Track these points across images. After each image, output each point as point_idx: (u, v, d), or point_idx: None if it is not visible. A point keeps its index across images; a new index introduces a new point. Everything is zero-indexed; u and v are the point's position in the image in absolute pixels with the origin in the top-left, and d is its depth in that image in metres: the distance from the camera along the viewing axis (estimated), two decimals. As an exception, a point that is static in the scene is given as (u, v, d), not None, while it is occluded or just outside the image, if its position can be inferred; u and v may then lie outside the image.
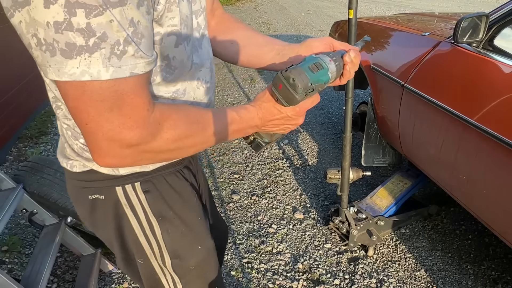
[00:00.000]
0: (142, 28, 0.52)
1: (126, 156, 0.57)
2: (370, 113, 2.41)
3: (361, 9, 10.74)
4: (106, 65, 0.49)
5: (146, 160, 0.62)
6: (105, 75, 0.49)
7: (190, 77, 0.73)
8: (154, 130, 0.57)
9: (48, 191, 1.63)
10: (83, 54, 0.48)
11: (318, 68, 0.69)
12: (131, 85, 0.53)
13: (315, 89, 0.69)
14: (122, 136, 0.54)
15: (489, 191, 1.47)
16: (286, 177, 2.73)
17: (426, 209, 2.23)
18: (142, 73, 0.54)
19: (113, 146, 0.55)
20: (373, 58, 2.34)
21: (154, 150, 0.59)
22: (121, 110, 0.53)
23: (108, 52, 0.49)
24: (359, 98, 4.14)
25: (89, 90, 0.50)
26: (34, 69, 2.79)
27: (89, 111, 0.52)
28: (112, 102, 0.51)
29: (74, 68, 0.48)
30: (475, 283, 1.82)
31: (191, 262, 0.84)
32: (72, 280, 1.84)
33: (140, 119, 0.55)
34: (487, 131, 1.40)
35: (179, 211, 0.80)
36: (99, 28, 0.47)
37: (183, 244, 0.82)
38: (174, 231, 0.80)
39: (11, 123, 3.16)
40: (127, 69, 0.51)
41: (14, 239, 2.07)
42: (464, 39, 1.65)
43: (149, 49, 0.55)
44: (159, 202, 0.77)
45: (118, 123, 0.53)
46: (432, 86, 1.77)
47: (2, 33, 3.25)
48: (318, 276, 1.88)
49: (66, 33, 0.46)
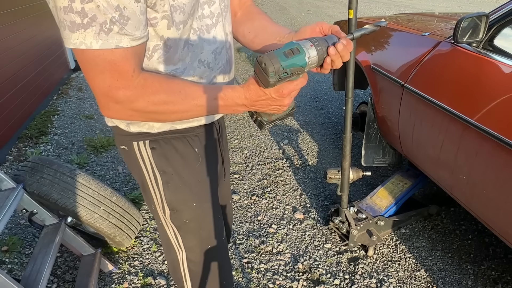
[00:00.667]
0: (128, 12, 0.66)
1: (118, 110, 0.74)
2: (370, 113, 2.41)
3: (361, 9, 10.74)
4: (96, 38, 0.65)
5: (136, 117, 0.78)
6: (95, 46, 0.65)
7: (191, 58, 0.84)
8: (137, 92, 0.72)
9: (48, 191, 1.63)
10: (80, 29, 0.64)
11: (294, 53, 0.72)
12: (117, 55, 0.68)
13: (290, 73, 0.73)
14: (112, 94, 0.71)
15: (489, 191, 1.47)
16: (286, 177, 2.73)
17: (426, 209, 2.23)
18: (127, 47, 0.68)
19: (107, 100, 0.72)
20: (373, 58, 2.34)
21: (139, 109, 0.75)
22: (110, 73, 0.68)
23: (98, 29, 0.64)
24: (359, 98, 4.14)
25: (86, 56, 0.67)
26: (34, 69, 2.80)
27: (89, 72, 0.69)
28: (103, 66, 0.67)
29: (75, 39, 0.65)
30: (475, 283, 1.82)
31: (185, 216, 0.98)
32: (72, 280, 1.84)
33: (125, 82, 0.70)
34: (487, 131, 1.40)
35: (178, 169, 0.94)
36: (90, 11, 0.63)
37: (178, 198, 0.96)
38: (172, 185, 0.94)
39: (11, 123, 3.16)
40: (113, 42, 0.66)
41: (14, 239, 2.07)
42: (464, 39, 1.65)
43: (136, 29, 0.68)
44: (161, 159, 0.92)
45: (109, 83, 0.69)
46: (432, 86, 1.77)
47: (2, 33, 3.25)
48: (318, 276, 1.88)
49: (69, 14, 0.63)
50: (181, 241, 1.01)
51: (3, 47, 3.23)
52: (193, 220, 0.99)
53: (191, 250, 1.03)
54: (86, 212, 1.69)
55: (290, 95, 0.79)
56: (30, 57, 3.75)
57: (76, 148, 3.14)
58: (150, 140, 0.90)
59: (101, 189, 1.78)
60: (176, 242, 1.02)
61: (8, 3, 3.45)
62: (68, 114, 3.85)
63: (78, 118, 3.75)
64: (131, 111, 0.75)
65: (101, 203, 1.75)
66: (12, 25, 3.48)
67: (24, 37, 3.69)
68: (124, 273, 1.88)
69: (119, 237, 1.84)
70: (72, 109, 3.98)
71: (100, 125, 3.59)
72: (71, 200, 1.66)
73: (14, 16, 3.54)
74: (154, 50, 0.79)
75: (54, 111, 3.86)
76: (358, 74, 2.37)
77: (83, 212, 1.68)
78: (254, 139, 3.32)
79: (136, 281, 1.84)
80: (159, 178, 0.94)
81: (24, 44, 3.68)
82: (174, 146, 0.92)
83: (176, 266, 1.07)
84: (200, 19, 0.83)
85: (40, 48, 4.08)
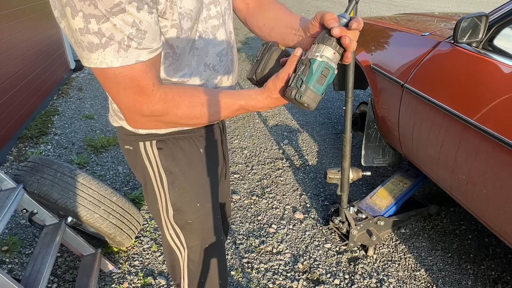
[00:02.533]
0: (144, 26, 0.66)
1: (144, 122, 0.76)
2: (370, 113, 2.41)
3: (361, 9, 10.74)
4: (116, 56, 0.65)
5: (163, 126, 0.81)
6: (116, 64, 0.65)
7: (196, 63, 0.85)
8: (160, 107, 0.73)
9: (48, 191, 1.63)
10: (99, 49, 0.64)
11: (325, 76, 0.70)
12: (137, 70, 0.68)
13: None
14: (136, 108, 0.72)
15: (489, 191, 1.47)
16: (286, 177, 2.73)
17: (426, 209, 2.23)
18: (146, 60, 0.68)
19: (133, 115, 0.74)
20: (373, 58, 2.34)
21: (165, 121, 0.77)
22: (132, 90, 0.69)
23: (117, 47, 0.64)
24: (359, 98, 4.14)
25: (108, 75, 0.67)
26: (35, 69, 2.80)
27: (111, 89, 0.70)
28: (125, 83, 0.68)
29: (95, 59, 0.65)
30: (475, 283, 1.82)
31: (189, 216, 0.99)
32: (72, 280, 1.85)
33: (147, 97, 0.71)
34: (487, 131, 1.40)
35: (184, 170, 0.95)
36: (107, 31, 0.63)
37: (183, 199, 0.97)
38: (177, 185, 0.95)
39: (11, 123, 3.16)
40: (133, 58, 0.66)
41: (14, 239, 2.07)
42: (464, 39, 1.65)
43: (153, 41, 0.69)
44: (168, 159, 0.93)
45: (132, 98, 0.70)
46: (432, 86, 1.77)
47: (2, 33, 3.26)
48: (318, 276, 1.88)
49: (86, 35, 0.63)
50: (184, 241, 1.02)
51: (3, 47, 3.24)
52: (196, 220, 1.00)
53: (192, 249, 1.04)
54: (86, 212, 1.69)
55: None
56: (30, 57, 3.75)
57: (76, 148, 3.14)
58: (157, 140, 0.91)
59: (101, 189, 1.78)
60: (178, 242, 1.03)
61: (8, 3, 3.45)
62: (68, 114, 3.85)
63: (78, 118, 3.75)
64: (158, 122, 0.77)
65: (101, 203, 1.75)
66: (12, 25, 3.48)
67: (24, 37, 3.69)
68: (124, 273, 1.88)
69: (119, 237, 1.85)
70: (72, 109, 3.98)
71: (100, 125, 3.59)
72: (71, 200, 1.66)
73: (14, 16, 3.54)
74: (165, 57, 0.79)
75: (54, 111, 3.86)
76: (358, 74, 2.37)
77: (83, 212, 1.69)
78: (254, 139, 3.32)
79: (136, 281, 1.84)
80: (165, 178, 0.94)
81: (24, 44, 3.68)
82: (181, 146, 0.93)
83: (176, 265, 1.08)
84: (205, 21, 0.83)
85: (40, 48, 4.08)
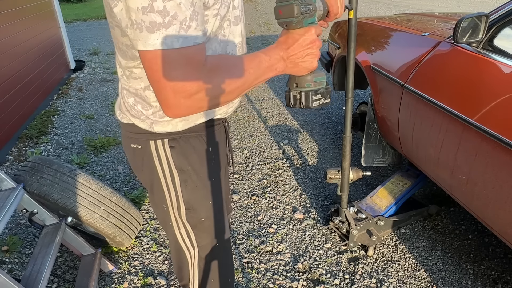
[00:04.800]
0: (198, 7, 0.68)
1: (189, 105, 0.72)
2: (370, 113, 2.41)
3: (361, 9, 10.74)
4: (176, 37, 0.65)
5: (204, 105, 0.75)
6: (176, 44, 0.65)
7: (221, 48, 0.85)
8: (206, 78, 0.71)
9: (48, 191, 1.63)
10: (162, 29, 0.64)
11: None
12: (193, 50, 0.68)
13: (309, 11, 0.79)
14: (185, 87, 0.69)
15: (489, 191, 1.47)
16: (286, 177, 2.73)
17: (426, 209, 2.23)
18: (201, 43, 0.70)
19: (179, 97, 0.70)
20: (373, 58, 2.34)
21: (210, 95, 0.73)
22: (185, 68, 0.68)
23: (178, 27, 0.65)
24: (359, 98, 4.14)
25: (165, 55, 0.66)
26: (35, 69, 2.80)
27: (161, 72, 0.67)
28: (179, 63, 0.67)
29: (155, 40, 0.64)
30: (475, 283, 1.82)
31: (202, 214, 0.99)
32: (72, 280, 1.85)
33: (198, 73, 0.70)
34: (487, 131, 1.40)
35: (196, 168, 0.94)
36: (172, 9, 0.63)
37: (196, 197, 0.97)
38: (190, 184, 0.95)
39: (11, 123, 3.16)
40: (191, 39, 0.67)
41: (15, 239, 2.08)
42: (464, 39, 1.65)
43: (204, 22, 0.72)
44: (180, 157, 0.92)
45: (183, 78, 0.68)
46: (432, 86, 1.77)
47: (2, 33, 3.26)
48: (318, 276, 1.88)
49: (150, 14, 0.63)
50: (195, 240, 1.02)
51: (3, 47, 3.24)
52: (208, 218, 1.00)
53: (203, 248, 1.04)
54: (86, 212, 1.69)
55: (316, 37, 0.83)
56: (30, 57, 3.75)
57: (76, 148, 3.14)
58: (169, 138, 0.90)
59: (101, 189, 1.78)
60: (188, 241, 1.02)
61: (8, 3, 3.45)
62: (68, 114, 3.86)
63: (78, 118, 3.75)
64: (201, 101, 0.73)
65: (101, 203, 1.75)
66: (12, 25, 3.48)
67: (24, 37, 3.69)
68: (124, 273, 1.88)
69: (119, 237, 1.85)
70: (72, 109, 3.99)
71: (100, 125, 3.59)
72: (71, 200, 1.66)
73: (14, 16, 3.54)
74: None
75: (54, 111, 3.86)
76: (358, 74, 2.37)
77: (83, 212, 1.69)
78: (254, 139, 3.32)
79: (136, 281, 1.84)
80: (177, 177, 0.93)
81: (24, 44, 3.68)
82: (192, 144, 0.93)
83: (184, 265, 1.07)
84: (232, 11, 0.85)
85: (40, 48, 4.08)
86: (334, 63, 3.02)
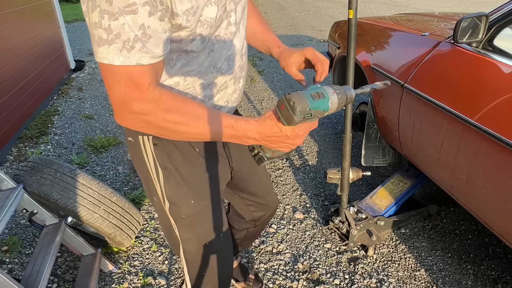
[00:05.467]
0: (151, 31, 0.69)
1: (131, 120, 0.76)
2: (370, 113, 2.41)
3: (361, 9, 10.74)
4: (117, 54, 0.68)
5: (146, 129, 0.79)
6: (116, 62, 0.69)
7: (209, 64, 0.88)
8: (150, 106, 0.74)
9: (48, 191, 1.63)
10: (106, 45, 0.68)
11: (319, 96, 0.77)
12: (136, 70, 0.71)
13: (313, 114, 0.77)
14: (127, 104, 0.73)
15: (489, 191, 1.47)
16: (286, 177, 2.73)
17: (426, 209, 2.23)
18: (146, 65, 0.71)
19: (122, 109, 0.75)
20: (373, 58, 2.34)
21: (150, 122, 0.77)
22: (127, 84, 0.71)
23: (120, 46, 0.68)
24: (359, 98, 4.14)
25: (108, 68, 0.70)
26: (35, 69, 2.80)
27: (107, 81, 0.72)
28: (120, 77, 0.71)
29: (101, 54, 0.69)
30: (475, 283, 1.82)
31: (182, 211, 1.03)
32: (72, 280, 1.85)
33: (140, 94, 0.73)
34: (487, 131, 1.40)
35: (178, 166, 0.99)
36: (116, 29, 0.67)
37: (177, 194, 1.01)
38: (172, 180, 0.99)
39: (11, 123, 3.16)
40: (134, 59, 0.70)
41: (14, 239, 2.08)
42: (464, 39, 1.65)
43: (157, 46, 0.71)
44: (163, 155, 0.97)
45: (125, 93, 0.72)
46: (432, 86, 1.77)
47: (2, 33, 3.26)
48: (318, 276, 1.88)
49: (98, 30, 0.68)
50: (178, 233, 1.08)
51: (3, 47, 3.24)
52: (189, 216, 1.04)
53: (186, 242, 1.09)
54: (86, 212, 1.69)
55: (303, 136, 0.84)
56: (30, 57, 3.75)
57: (76, 148, 3.14)
58: (153, 136, 0.94)
59: (101, 189, 1.78)
60: (176, 231, 1.08)
61: (8, 3, 3.45)
62: (68, 114, 3.86)
63: (78, 118, 3.75)
64: (143, 122, 0.77)
65: (101, 203, 1.75)
66: (12, 25, 3.48)
67: (24, 37, 3.69)
68: (124, 273, 1.88)
69: (119, 237, 1.85)
70: (72, 109, 3.99)
71: (100, 125, 3.59)
72: (71, 200, 1.66)
73: (14, 16, 3.54)
74: (178, 59, 0.83)
75: (54, 111, 3.86)
76: (358, 74, 2.37)
77: (83, 212, 1.69)
78: (254, 139, 3.31)
79: (136, 281, 1.84)
80: (161, 172, 0.99)
81: (24, 44, 3.68)
82: (175, 144, 0.97)
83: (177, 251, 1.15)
84: (226, 28, 0.87)
85: (40, 48, 4.08)
86: (334, 63, 3.03)
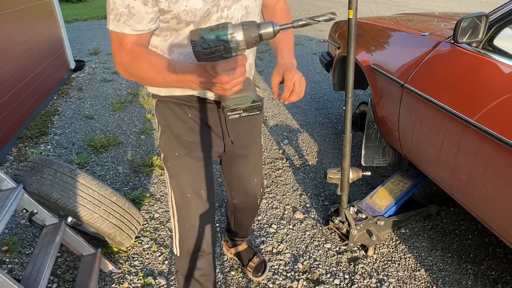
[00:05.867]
0: (134, 10, 0.93)
1: (118, 68, 1.03)
2: (370, 113, 2.41)
3: (361, 9, 10.74)
4: (112, 23, 0.96)
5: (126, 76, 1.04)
6: (111, 27, 0.97)
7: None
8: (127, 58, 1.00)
9: (48, 191, 1.63)
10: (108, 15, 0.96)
11: (218, 28, 0.79)
12: (120, 36, 0.98)
13: (214, 46, 0.78)
14: (115, 56, 1.02)
15: (489, 191, 1.47)
16: (286, 177, 2.73)
17: (426, 209, 2.23)
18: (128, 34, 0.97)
19: (116, 61, 1.02)
20: (373, 58, 2.34)
21: (127, 70, 1.02)
22: (115, 44, 1.00)
23: (113, 17, 0.95)
24: (359, 98, 4.14)
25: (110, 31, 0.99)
26: (35, 69, 2.80)
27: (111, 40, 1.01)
28: (113, 39, 1.00)
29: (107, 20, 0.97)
30: (475, 283, 1.82)
31: (169, 161, 1.27)
32: (72, 280, 1.85)
33: (119, 51, 1.00)
34: (487, 131, 1.40)
35: (171, 125, 1.23)
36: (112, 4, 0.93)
37: (166, 145, 1.26)
38: (165, 135, 1.26)
39: (11, 123, 3.16)
40: (119, 28, 0.96)
41: (14, 239, 2.08)
42: (464, 39, 1.65)
43: (138, 23, 0.96)
44: (160, 114, 1.25)
45: (114, 49, 1.01)
46: (432, 86, 1.77)
47: (3, 33, 3.26)
48: (318, 276, 1.88)
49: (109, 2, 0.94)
50: (169, 179, 1.29)
51: (3, 47, 3.24)
52: (173, 166, 1.26)
53: (174, 190, 1.28)
54: (86, 212, 1.69)
55: (226, 72, 0.85)
56: (30, 57, 3.75)
57: (76, 148, 3.14)
58: (157, 99, 1.24)
59: (101, 189, 1.78)
60: (168, 179, 1.29)
61: (8, 3, 3.45)
62: (68, 114, 3.86)
63: (78, 118, 3.75)
64: (124, 71, 1.03)
65: (101, 203, 1.75)
66: (12, 25, 3.48)
67: (24, 37, 3.69)
68: (124, 273, 1.88)
69: (119, 237, 1.85)
70: (72, 109, 3.99)
71: (100, 125, 3.59)
72: (71, 200, 1.66)
73: (14, 16, 3.54)
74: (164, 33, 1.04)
75: (54, 111, 3.86)
76: (358, 74, 2.37)
77: (83, 212, 1.69)
78: (254, 139, 3.31)
79: (136, 281, 1.84)
80: (160, 129, 1.27)
81: (24, 44, 3.68)
82: (170, 108, 1.22)
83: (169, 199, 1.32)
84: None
85: (40, 48, 4.08)
86: (334, 63, 3.03)
